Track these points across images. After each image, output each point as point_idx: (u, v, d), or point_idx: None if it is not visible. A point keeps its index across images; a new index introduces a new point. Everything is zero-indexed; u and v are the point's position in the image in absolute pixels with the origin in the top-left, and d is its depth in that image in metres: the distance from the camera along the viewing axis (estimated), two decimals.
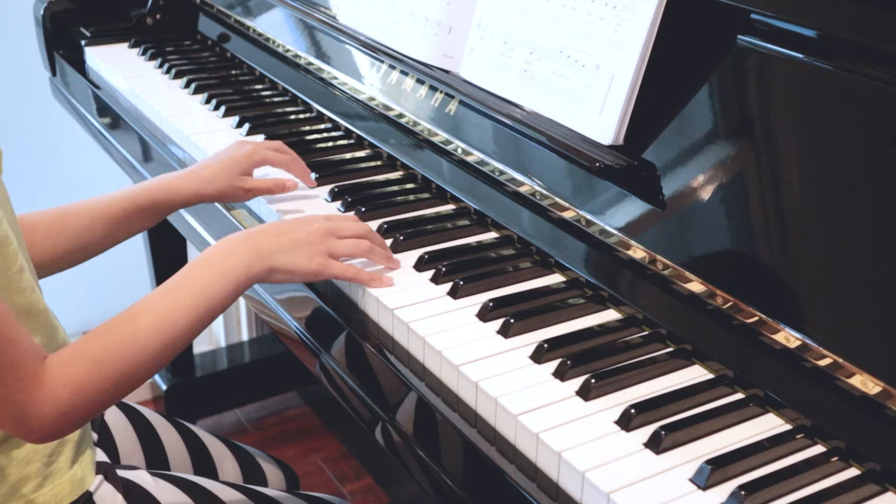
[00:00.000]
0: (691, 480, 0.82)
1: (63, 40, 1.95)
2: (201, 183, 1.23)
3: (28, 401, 0.89)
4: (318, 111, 1.57)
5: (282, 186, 1.28)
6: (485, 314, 1.04)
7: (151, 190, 1.23)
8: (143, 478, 1.16)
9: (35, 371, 0.90)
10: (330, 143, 1.48)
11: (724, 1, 1.02)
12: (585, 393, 0.92)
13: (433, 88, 1.33)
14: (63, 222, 1.18)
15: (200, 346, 2.46)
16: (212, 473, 1.34)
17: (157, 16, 1.99)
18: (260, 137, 1.48)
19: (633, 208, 1.05)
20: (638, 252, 1.03)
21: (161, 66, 1.80)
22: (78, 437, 1.07)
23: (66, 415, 0.92)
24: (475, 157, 1.24)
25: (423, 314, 1.04)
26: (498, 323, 1.02)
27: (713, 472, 0.82)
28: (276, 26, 1.70)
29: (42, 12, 1.92)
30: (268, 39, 1.71)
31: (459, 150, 1.27)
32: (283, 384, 2.44)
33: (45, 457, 1.03)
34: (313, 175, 1.35)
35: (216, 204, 1.36)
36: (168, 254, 2.14)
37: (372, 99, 1.44)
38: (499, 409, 0.91)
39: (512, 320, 1.01)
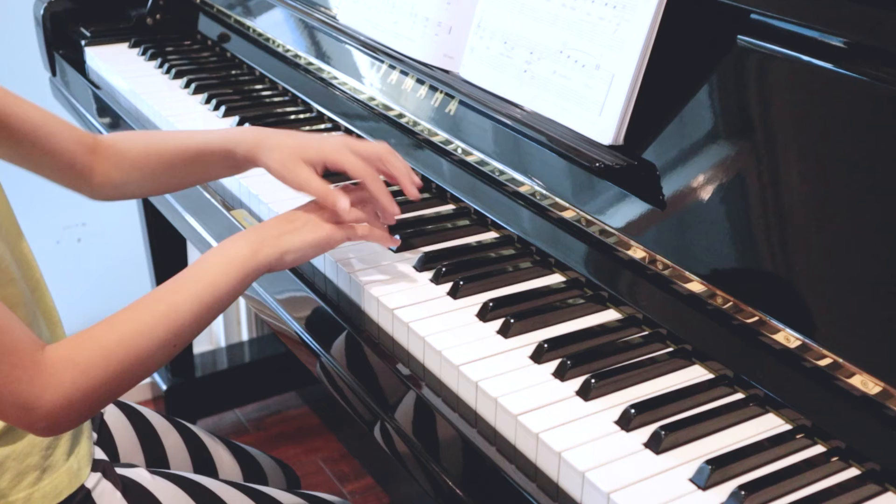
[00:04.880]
0: (691, 480, 0.82)
1: (63, 40, 1.95)
2: (260, 149, 1.14)
3: (29, 388, 0.88)
4: (318, 111, 1.57)
5: (331, 203, 1.08)
6: (485, 314, 1.04)
7: (223, 137, 1.19)
8: (141, 475, 1.16)
9: (33, 358, 0.88)
10: None
11: (724, 1, 1.02)
12: (585, 393, 0.92)
13: (433, 88, 1.33)
14: (148, 154, 1.21)
15: (200, 346, 2.45)
16: (212, 473, 1.34)
17: (157, 16, 1.99)
18: None
19: (633, 208, 1.05)
20: (638, 252, 1.03)
21: (161, 66, 1.80)
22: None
23: (71, 402, 0.90)
24: (475, 157, 1.24)
25: (423, 314, 1.04)
26: (498, 323, 1.02)
27: (713, 472, 0.82)
28: (276, 26, 1.70)
29: (42, 12, 1.92)
30: (268, 39, 1.71)
31: (459, 150, 1.27)
32: (283, 384, 2.44)
33: (43, 450, 1.04)
34: None
35: (216, 203, 1.36)
36: (168, 254, 2.14)
37: (372, 99, 1.44)
38: (499, 409, 0.91)
39: (512, 320, 1.01)
